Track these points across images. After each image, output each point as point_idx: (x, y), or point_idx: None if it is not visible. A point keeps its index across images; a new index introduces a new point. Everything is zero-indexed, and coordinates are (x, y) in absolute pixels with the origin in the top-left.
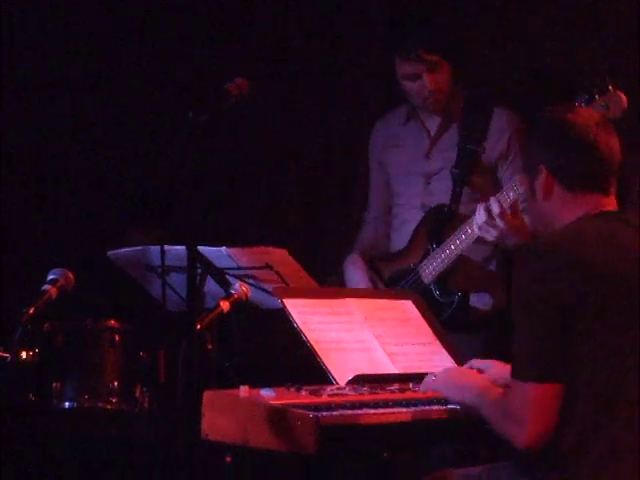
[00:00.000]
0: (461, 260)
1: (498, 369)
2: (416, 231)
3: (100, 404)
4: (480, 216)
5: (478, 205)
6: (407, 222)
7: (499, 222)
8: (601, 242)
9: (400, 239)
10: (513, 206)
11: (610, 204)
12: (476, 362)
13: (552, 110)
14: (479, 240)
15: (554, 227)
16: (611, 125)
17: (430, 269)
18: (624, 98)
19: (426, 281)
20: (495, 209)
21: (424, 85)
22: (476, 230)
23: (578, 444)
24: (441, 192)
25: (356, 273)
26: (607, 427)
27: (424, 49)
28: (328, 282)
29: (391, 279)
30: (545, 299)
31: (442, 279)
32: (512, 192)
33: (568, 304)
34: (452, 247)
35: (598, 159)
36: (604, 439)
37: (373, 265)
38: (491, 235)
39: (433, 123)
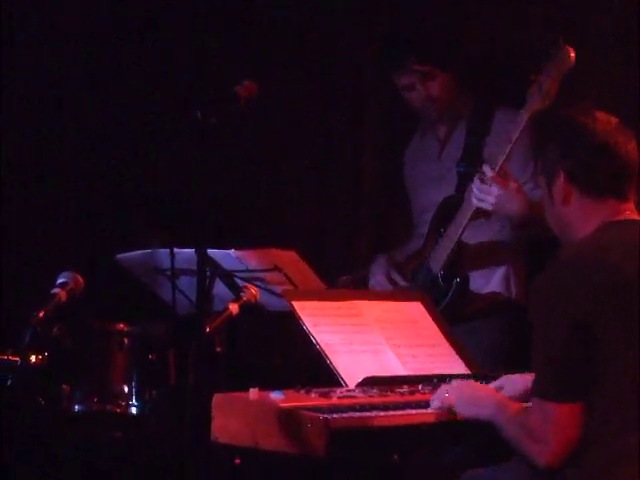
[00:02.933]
0: (464, 246)
1: (511, 385)
2: (430, 226)
3: (109, 407)
4: (475, 184)
5: (474, 178)
6: (426, 224)
7: (493, 186)
8: (623, 254)
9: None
10: (502, 170)
11: (629, 210)
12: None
13: (570, 114)
14: (478, 216)
15: (573, 233)
16: (629, 130)
17: (436, 258)
18: (573, 53)
19: (434, 270)
20: (488, 172)
21: (419, 95)
22: (474, 201)
23: (589, 448)
24: (452, 191)
25: (376, 271)
26: (622, 432)
27: (414, 61)
28: (341, 281)
29: (413, 275)
30: (566, 316)
31: (447, 266)
32: (500, 156)
33: (590, 320)
34: (451, 232)
35: (618, 164)
36: (618, 443)
37: (400, 267)
38: (488, 203)
39: (443, 128)
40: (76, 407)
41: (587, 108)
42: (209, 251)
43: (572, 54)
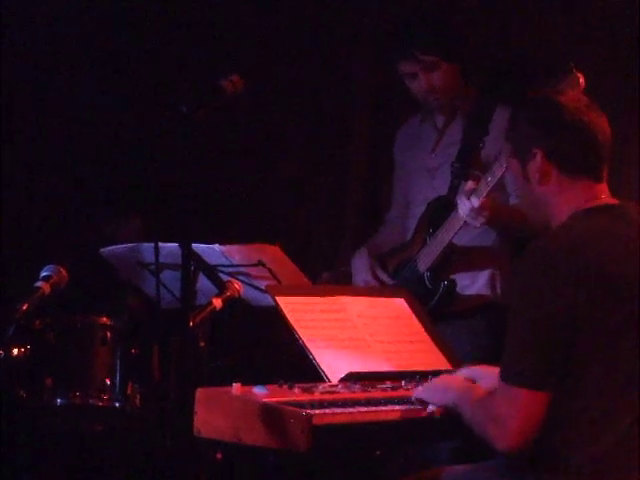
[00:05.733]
0: (452, 248)
1: (489, 377)
2: (418, 223)
3: (91, 401)
4: (464, 208)
5: (458, 197)
6: (414, 217)
7: (482, 213)
8: (601, 242)
9: (408, 234)
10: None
11: (604, 192)
12: (466, 370)
13: (540, 92)
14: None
15: (548, 213)
16: (598, 107)
17: (424, 258)
18: (582, 79)
19: (421, 270)
20: (475, 203)
21: (421, 84)
22: (462, 217)
23: (572, 447)
24: (443, 187)
25: (360, 267)
26: (609, 430)
27: (419, 50)
28: (323, 278)
29: (395, 270)
30: (544, 304)
31: (434, 267)
32: (485, 181)
33: (568, 308)
34: (442, 235)
35: (592, 141)
36: (604, 442)
37: (382, 259)
38: (475, 223)
39: (442, 120)
40: (58, 400)
41: (555, 89)
42: (193, 245)
43: (581, 80)
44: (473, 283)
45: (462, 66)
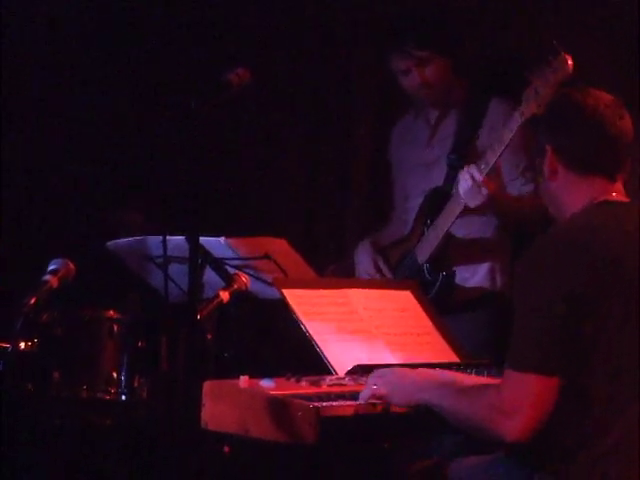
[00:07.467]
0: (451, 239)
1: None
2: (416, 215)
3: (98, 394)
4: (465, 183)
5: (460, 173)
6: (412, 211)
7: (482, 189)
8: (609, 232)
9: (407, 228)
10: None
11: (617, 190)
12: None
13: (563, 91)
14: (466, 212)
15: (560, 208)
16: (623, 107)
17: (423, 249)
18: (570, 60)
19: (420, 261)
20: (477, 177)
21: (414, 79)
22: (462, 197)
23: (583, 438)
24: (440, 180)
25: (363, 258)
26: (616, 422)
27: (412, 45)
28: (329, 270)
29: (397, 263)
30: (557, 287)
31: (433, 259)
32: (484, 162)
33: (576, 296)
34: (441, 224)
35: (603, 141)
36: (612, 434)
37: (384, 253)
38: (475, 201)
39: (435, 115)
40: (65, 394)
41: (583, 86)
42: (200, 238)
43: (570, 62)
44: (473, 275)
45: (455, 60)
